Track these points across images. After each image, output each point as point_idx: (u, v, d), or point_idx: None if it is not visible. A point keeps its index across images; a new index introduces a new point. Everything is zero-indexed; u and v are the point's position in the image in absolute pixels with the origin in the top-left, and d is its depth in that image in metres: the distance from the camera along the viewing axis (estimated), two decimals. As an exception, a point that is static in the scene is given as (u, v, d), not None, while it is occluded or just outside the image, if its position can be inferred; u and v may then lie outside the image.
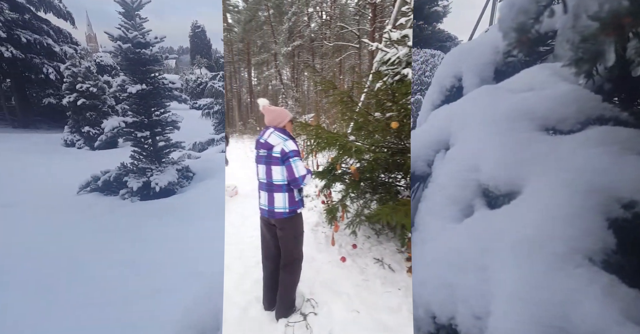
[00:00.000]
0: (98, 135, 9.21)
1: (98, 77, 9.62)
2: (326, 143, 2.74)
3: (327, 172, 3.02)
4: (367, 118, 2.90)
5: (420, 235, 1.18)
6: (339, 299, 2.19)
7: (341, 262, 2.65)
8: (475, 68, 1.61)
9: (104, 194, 5.89)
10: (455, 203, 1.14)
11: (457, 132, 1.31)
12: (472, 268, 0.92)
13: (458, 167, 1.18)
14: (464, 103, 1.39)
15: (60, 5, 12.18)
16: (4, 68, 10.94)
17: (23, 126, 11.80)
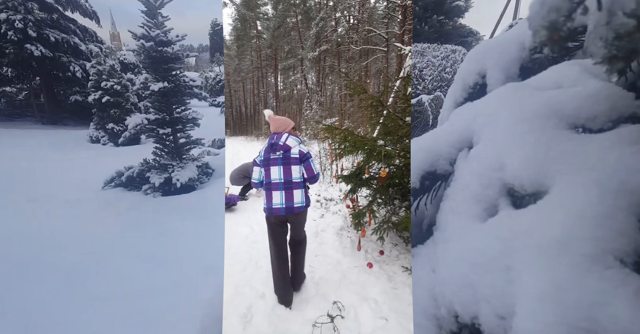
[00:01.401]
0: (122, 132, 9.48)
1: (122, 75, 9.88)
2: (353, 147, 2.73)
3: (354, 176, 3.00)
4: (398, 122, 2.87)
5: (443, 234, 1.18)
6: (366, 304, 2.19)
7: (368, 268, 2.64)
8: (500, 65, 1.58)
9: (127, 189, 6.07)
10: (479, 202, 1.13)
11: (481, 130, 1.29)
12: (496, 267, 0.91)
13: (482, 166, 1.16)
14: (489, 101, 1.37)
15: (86, 5, 12.57)
16: (34, 67, 11.42)
17: (51, 123, 12.29)
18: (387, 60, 9.37)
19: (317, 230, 3.53)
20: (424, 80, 8.83)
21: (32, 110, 12.89)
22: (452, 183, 1.29)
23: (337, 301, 2.21)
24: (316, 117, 8.72)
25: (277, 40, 10.35)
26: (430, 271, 1.15)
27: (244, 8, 10.43)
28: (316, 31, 9.34)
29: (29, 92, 13.28)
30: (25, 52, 10.79)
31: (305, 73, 10.32)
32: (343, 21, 9.74)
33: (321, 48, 9.48)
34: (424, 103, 7.79)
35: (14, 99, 14.02)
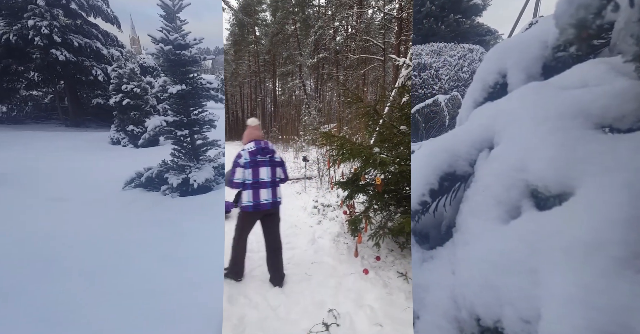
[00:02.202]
0: (141, 134, 9.71)
1: (141, 78, 10.14)
2: (350, 154, 2.80)
3: (351, 183, 3.06)
4: (392, 131, 2.95)
5: (463, 236, 1.16)
6: (361, 311, 2.19)
7: (364, 274, 2.64)
8: (521, 64, 1.54)
9: (146, 190, 6.21)
10: (500, 204, 1.11)
11: (503, 131, 1.27)
12: (520, 270, 0.89)
13: (504, 167, 1.14)
14: (510, 101, 1.34)
15: (108, 10, 12.97)
16: (58, 71, 11.84)
17: (75, 125, 12.72)
18: (384, 69, 9.41)
19: (314, 237, 3.54)
20: (440, 79, 8.71)
21: (56, 113, 13.39)
22: (472, 184, 1.27)
23: (333, 308, 2.21)
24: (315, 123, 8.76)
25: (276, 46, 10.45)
26: (450, 273, 1.13)
27: (242, 13, 10.53)
28: (314, 39, 9.42)
29: (54, 95, 13.80)
30: (51, 56, 11.21)
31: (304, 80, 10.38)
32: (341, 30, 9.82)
33: (319, 55, 9.54)
34: (440, 103, 7.70)
35: (40, 102, 14.60)
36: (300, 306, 2.24)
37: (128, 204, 5.69)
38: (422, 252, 1.31)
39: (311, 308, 2.20)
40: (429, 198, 1.40)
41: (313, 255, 3.08)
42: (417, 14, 10.75)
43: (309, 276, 2.66)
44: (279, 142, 9.58)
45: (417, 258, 1.28)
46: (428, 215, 1.49)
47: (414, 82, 8.94)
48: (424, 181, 1.40)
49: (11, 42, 10.98)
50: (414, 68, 8.96)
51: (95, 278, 3.22)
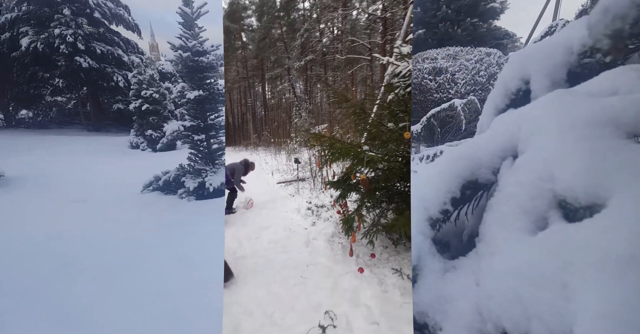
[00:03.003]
0: (159, 138, 9.93)
1: (160, 84, 10.39)
2: (340, 153, 2.81)
3: (342, 182, 3.08)
4: (380, 129, 2.97)
5: (487, 247, 1.14)
6: (358, 311, 2.18)
7: (359, 273, 2.63)
8: (545, 71, 1.51)
9: (164, 193, 6.33)
10: (526, 214, 1.08)
11: (528, 139, 1.24)
12: (550, 283, 0.87)
13: (530, 176, 1.12)
14: (535, 108, 1.32)
15: (129, 18, 13.38)
16: (81, 78, 12.26)
17: (96, 129, 13.12)
18: (372, 69, 9.43)
19: (309, 239, 3.51)
20: (456, 83, 8.61)
21: (79, 118, 13.84)
22: (496, 193, 1.25)
23: (329, 310, 2.20)
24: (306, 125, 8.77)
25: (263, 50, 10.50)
26: (474, 284, 1.11)
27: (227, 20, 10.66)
28: (301, 42, 9.47)
29: (77, 101, 14.28)
30: (75, 63, 11.63)
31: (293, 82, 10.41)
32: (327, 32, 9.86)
33: (307, 58, 9.58)
34: (456, 108, 7.60)
35: (64, 108, 15.12)
36: (296, 310, 2.22)
37: (146, 207, 5.80)
38: (444, 262, 1.29)
39: (308, 311, 2.19)
40: (450, 206, 1.38)
41: (308, 257, 3.06)
42: (432, 18, 10.68)
43: (304, 279, 2.65)
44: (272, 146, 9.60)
45: (438, 268, 1.26)
46: (449, 223, 1.47)
47: (429, 86, 8.86)
48: (446, 189, 1.38)
49: (38, 50, 11.44)
50: (429, 72, 8.89)
51: (112, 278, 3.29)
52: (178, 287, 3.19)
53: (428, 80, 8.91)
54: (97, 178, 7.23)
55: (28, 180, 6.65)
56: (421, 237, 1.32)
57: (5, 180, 6.39)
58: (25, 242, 3.99)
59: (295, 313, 2.19)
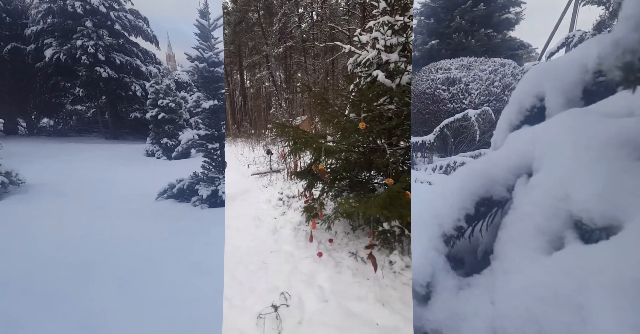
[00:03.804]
0: (175, 146, 10.13)
1: (176, 93, 10.65)
2: (302, 144, 2.94)
3: (306, 173, 3.23)
4: (340, 119, 3.11)
5: (502, 265, 1.14)
6: (311, 291, 2.36)
7: (318, 257, 2.82)
8: (560, 88, 1.52)
9: (178, 201, 6.44)
10: (542, 234, 1.08)
11: (542, 157, 1.25)
12: (566, 305, 0.87)
13: (545, 195, 1.12)
14: (550, 127, 1.32)
15: (148, 30, 13.82)
16: (101, 87, 12.66)
17: (113, 137, 13.48)
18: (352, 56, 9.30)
19: (276, 227, 3.68)
20: (470, 94, 8.58)
21: (98, 126, 14.26)
22: (511, 211, 1.25)
23: (285, 291, 2.36)
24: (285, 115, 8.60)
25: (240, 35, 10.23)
26: (489, 303, 1.11)
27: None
28: (279, 27, 9.26)
29: (96, 109, 14.73)
30: (95, 73, 12.03)
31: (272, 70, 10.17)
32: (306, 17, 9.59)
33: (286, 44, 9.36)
34: (470, 118, 7.56)
35: (83, 116, 15.62)
36: (255, 293, 2.37)
37: (160, 214, 5.90)
38: (459, 279, 1.29)
39: (265, 294, 2.34)
40: (464, 223, 1.39)
41: (273, 245, 3.20)
42: (446, 28, 10.69)
43: (266, 264, 2.80)
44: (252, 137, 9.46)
45: (453, 285, 1.26)
46: (463, 239, 1.47)
47: (443, 96, 8.85)
48: (460, 206, 1.39)
49: (61, 61, 11.90)
50: (442, 82, 8.89)
51: (127, 285, 3.34)
52: (192, 295, 3.22)
53: (441, 90, 8.90)
54: (114, 185, 7.40)
55: (48, 187, 6.85)
56: (435, 253, 1.33)
57: (26, 187, 6.60)
58: (44, 248, 4.10)
59: (254, 295, 2.35)
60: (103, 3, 12.13)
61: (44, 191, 6.53)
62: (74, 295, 3.11)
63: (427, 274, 1.29)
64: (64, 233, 4.61)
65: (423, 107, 9.34)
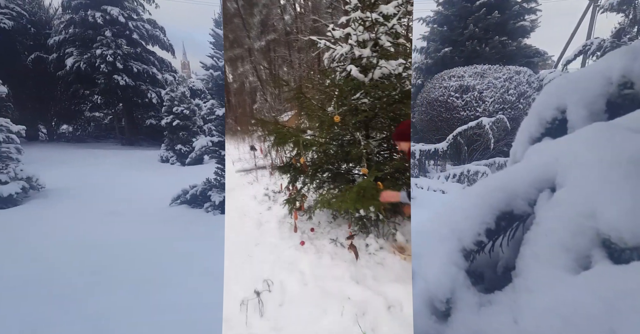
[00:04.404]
0: (188, 153, 10.28)
1: (190, 101, 10.85)
2: (281, 139, 3.07)
3: (288, 166, 3.36)
4: (316, 113, 3.23)
5: (525, 282, 1.11)
6: (292, 276, 2.54)
7: (300, 246, 2.99)
8: (582, 101, 1.49)
9: (191, 206, 6.51)
10: (567, 251, 1.05)
11: (566, 172, 1.22)
12: (595, 328, 0.84)
13: (570, 211, 1.10)
14: (573, 141, 1.30)
15: (164, 39, 14.17)
16: (118, 95, 13.00)
17: (129, 143, 13.78)
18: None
19: (261, 221, 3.79)
20: (484, 102, 8.50)
21: (114, 133, 14.60)
22: (534, 227, 1.22)
23: (268, 279, 2.52)
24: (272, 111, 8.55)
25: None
26: (512, 321, 1.08)
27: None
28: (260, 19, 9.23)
29: (113, 116, 15.10)
30: (113, 81, 12.37)
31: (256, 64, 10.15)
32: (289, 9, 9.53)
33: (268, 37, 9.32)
34: (484, 126, 7.48)
35: (101, 123, 16.03)
36: (239, 282, 2.52)
37: (174, 220, 5.96)
38: (479, 296, 1.27)
39: (249, 283, 2.49)
40: (485, 238, 1.36)
41: (258, 237, 3.34)
42: (459, 36, 10.64)
43: (250, 257, 2.94)
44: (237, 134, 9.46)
45: (474, 302, 1.23)
46: (483, 254, 1.45)
47: (456, 103, 8.79)
48: (480, 220, 1.37)
49: (81, 69, 12.28)
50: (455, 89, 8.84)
51: (141, 290, 3.37)
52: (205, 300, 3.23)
53: (454, 97, 8.84)
54: (129, 190, 7.53)
55: (66, 192, 7.01)
56: (455, 269, 1.31)
57: (46, 192, 6.77)
58: (61, 252, 4.18)
59: (239, 284, 2.49)
60: (122, 13, 12.50)
61: (62, 196, 6.68)
62: (88, 299, 3.15)
63: (447, 290, 1.27)
64: (80, 237, 4.71)
65: (436, 114, 9.30)
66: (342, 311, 2.13)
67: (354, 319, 2.06)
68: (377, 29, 3.21)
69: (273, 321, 2.17)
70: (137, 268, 3.83)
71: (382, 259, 2.72)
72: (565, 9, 24.13)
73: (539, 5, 10.35)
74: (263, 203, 4.43)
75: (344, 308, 2.16)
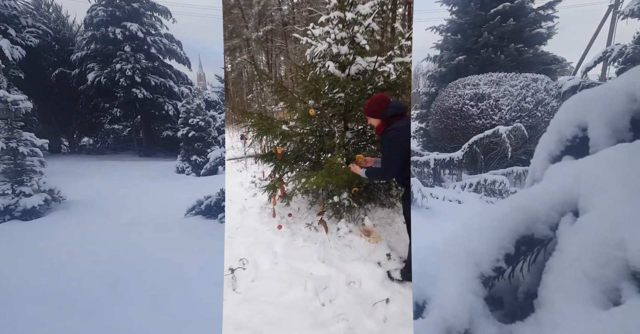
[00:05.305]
0: (203, 164, 10.41)
1: (206, 112, 11.03)
2: (262, 129, 3.34)
3: (270, 155, 3.61)
4: (294, 105, 3.52)
5: (550, 315, 1.05)
6: (266, 256, 2.80)
7: (278, 229, 3.23)
8: (604, 118, 1.43)
9: (205, 217, 6.56)
10: (594, 283, 1.00)
11: (590, 196, 1.16)
12: (628, 373, 0.78)
13: (595, 239, 1.04)
14: (597, 162, 1.24)
15: (181, 53, 14.55)
16: (137, 107, 13.35)
17: (146, 155, 14.08)
18: None
19: (245, 207, 4.04)
20: (500, 110, 8.34)
21: (132, 144, 14.95)
22: (556, 253, 1.16)
23: (244, 258, 2.78)
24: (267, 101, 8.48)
25: None
26: (536, 356, 1.03)
27: None
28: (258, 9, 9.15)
29: (131, 128, 15.50)
30: (132, 95, 12.72)
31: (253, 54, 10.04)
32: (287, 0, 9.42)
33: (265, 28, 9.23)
34: (501, 135, 7.32)
35: (119, 135, 16.49)
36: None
37: (189, 230, 6.00)
38: (500, 326, 1.21)
39: (227, 262, 2.72)
40: (504, 263, 1.31)
41: (240, 222, 3.58)
42: (473, 44, 10.51)
43: (231, 238, 3.14)
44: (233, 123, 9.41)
45: (493, 333, 1.18)
46: (502, 279, 1.39)
47: (471, 112, 8.65)
48: (498, 244, 1.31)
49: (101, 83, 12.70)
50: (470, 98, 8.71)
51: (158, 302, 3.37)
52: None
53: (470, 106, 8.71)
54: (146, 201, 7.65)
55: (86, 203, 7.18)
56: (473, 297, 1.25)
57: (67, 204, 6.94)
58: (81, 263, 4.24)
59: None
60: (141, 29, 12.92)
61: (83, 207, 6.84)
62: (106, 310, 3.18)
63: (465, 320, 1.21)
64: (99, 248, 4.78)
65: (450, 122, 9.17)
66: (306, 286, 2.42)
67: (315, 292, 2.36)
68: (352, 28, 3.42)
69: (244, 294, 2.45)
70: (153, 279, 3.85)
71: (349, 241, 3.06)
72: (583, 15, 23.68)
73: (556, 12, 10.11)
74: (249, 190, 4.67)
75: (307, 283, 2.44)
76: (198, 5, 36.38)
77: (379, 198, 3.96)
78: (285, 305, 2.31)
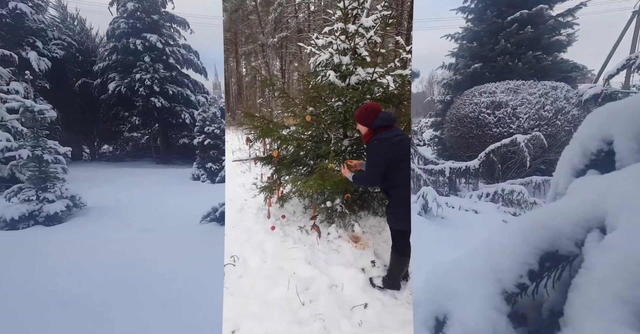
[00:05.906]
0: (218, 171, 10.56)
1: (221, 120, 11.22)
2: (263, 133, 3.49)
3: (269, 158, 3.75)
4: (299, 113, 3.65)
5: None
6: (256, 254, 2.96)
7: (271, 230, 3.36)
8: (631, 132, 1.39)
9: (220, 224, 6.61)
10: (625, 304, 0.97)
11: (617, 213, 1.13)
12: None
13: (625, 259, 1.01)
14: (623, 178, 1.21)
15: (198, 62, 14.92)
16: (155, 116, 13.71)
17: (163, 162, 14.39)
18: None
19: (244, 207, 4.18)
20: (518, 118, 8.20)
21: (150, 152, 15.31)
22: (584, 271, 1.13)
23: (235, 255, 2.94)
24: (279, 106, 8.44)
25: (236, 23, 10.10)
26: (563, 379, 0.99)
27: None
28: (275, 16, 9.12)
29: (149, 136, 15.89)
30: (150, 103, 13.08)
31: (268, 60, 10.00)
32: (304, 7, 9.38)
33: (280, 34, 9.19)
34: (519, 143, 7.18)
35: (138, 143, 16.92)
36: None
37: (204, 237, 6.04)
38: (524, 346, 1.18)
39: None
40: (527, 280, 1.28)
41: (237, 221, 3.73)
42: (490, 52, 10.42)
43: (226, 236, 3.29)
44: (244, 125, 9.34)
45: (518, 353, 1.15)
46: (525, 296, 1.36)
47: (488, 120, 8.53)
48: (521, 260, 1.29)
49: (122, 93, 13.12)
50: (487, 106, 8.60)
51: (173, 309, 3.39)
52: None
53: (486, 114, 8.60)
54: (163, 208, 7.77)
55: (106, 209, 7.34)
56: (496, 314, 1.23)
57: (86, 210, 7.12)
58: (99, 269, 4.31)
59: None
60: (160, 40, 13.33)
61: (102, 213, 7.00)
62: (121, 316, 3.21)
63: (488, 338, 1.19)
64: (116, 254, 4.86)
65: (466, 131, 9.05)
66: (289, 285, 2.55)
67: (297, 291, 2.49)
68: (354, 39, 3.52)
69: (230, 289, 2.62)
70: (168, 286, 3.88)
71: (337, 246, 3.17)
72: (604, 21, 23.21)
73: (576, 18, 9.89)
74: (250, 191, 4.79)
75: (290, 282, 2.58)
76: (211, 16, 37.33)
77: (372, 206, 4.03)
78: (267, 302, 2.45)
